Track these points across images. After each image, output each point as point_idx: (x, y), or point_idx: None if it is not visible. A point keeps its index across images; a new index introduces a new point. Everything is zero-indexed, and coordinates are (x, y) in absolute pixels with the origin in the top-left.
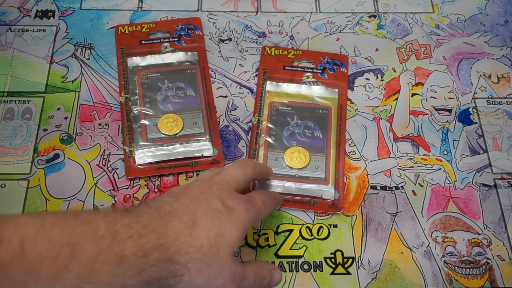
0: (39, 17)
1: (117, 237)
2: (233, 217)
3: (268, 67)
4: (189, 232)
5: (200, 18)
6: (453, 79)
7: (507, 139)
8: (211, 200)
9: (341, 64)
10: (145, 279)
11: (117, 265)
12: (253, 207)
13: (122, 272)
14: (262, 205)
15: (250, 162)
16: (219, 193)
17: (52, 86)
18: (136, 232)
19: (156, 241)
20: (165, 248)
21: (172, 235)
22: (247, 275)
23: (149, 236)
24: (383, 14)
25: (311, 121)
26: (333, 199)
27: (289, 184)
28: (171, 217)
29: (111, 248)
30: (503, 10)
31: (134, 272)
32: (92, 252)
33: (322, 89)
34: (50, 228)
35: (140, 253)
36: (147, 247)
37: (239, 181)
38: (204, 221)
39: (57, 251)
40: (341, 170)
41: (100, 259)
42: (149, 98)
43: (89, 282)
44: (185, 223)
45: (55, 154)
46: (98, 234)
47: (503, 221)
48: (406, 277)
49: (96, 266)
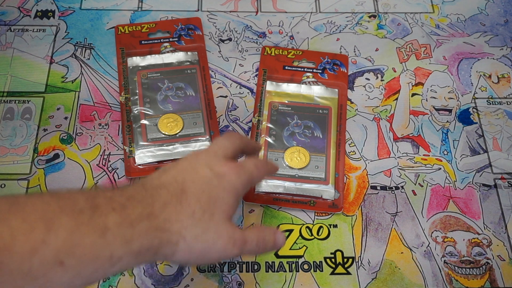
0: (39, 17)
1: (98, 210)
2: (224, 182)
3: (268, 67)
4: (178, 200)
5: (200, 18)
6: (453, 79)
7: (507, 139)
8: (200, 168)
9: (341, 64)
10: (135, 249)
11: (100, 237)
12: (244, 170)
13: (107, 243)
14: (253, 168)
15: (237, 134)
16: (207, 161)
17: (52, 86)
18: (119, 204)
19: (142, 210)
20: (153, 217)
21: (160, 205)
22: (248, 239)
23: (134, 206)
24: (383, 14)
25: (311, 121)
26: (333, 199)
27: (289, 184)
28: (157, 189)
29: (92, 220)
30: (503, 10)
31: (120, 243)
32: (70, 225)
33: (322, 89)
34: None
35: (125, 223)
36: (132, 217)
37: (227, 150)
38: (193, 188)
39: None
40: (341, 170)
41: (80, 231)
42: (149, 98)
43: (71, 255)
44: (172, 192)
45: (55, 154)
46: (77, 208)
47: (503, 221)
48: (406, 277)
49: (76, 239)
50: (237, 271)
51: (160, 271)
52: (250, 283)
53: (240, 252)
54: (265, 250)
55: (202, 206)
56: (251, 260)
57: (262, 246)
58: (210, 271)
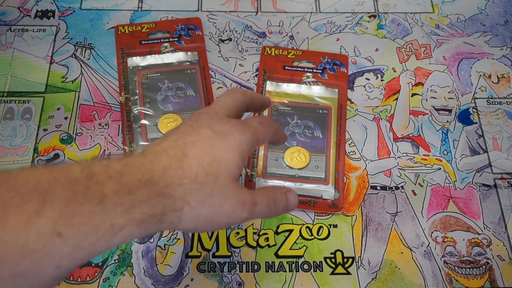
0: (39, 17)
1: (93, 178)
2: (226, 141)
3: (268, 67)
4: (179, 164)
5: (200, 18)
6: (453, 79)
7: (507, 139)
8: (200, 130)
9: (341, 64)
10: (137, 217)
11: (97, 205)
12: (248, 127)
13: (106, 211)
14: (258, 125)
15: (239, 89)
16: (208, 122)
17: (52, 86)
18: (116, 171)
19: (141, 177)
20: (153, 183)
21: (160, 170)
22: (257, 200)
23: (131, 173)
24: (383, 14)
25: (311, 121)
26: (333, 199)
27: (289, 184)
28: (157, 155)
29: (88, 189)
30: (503, 10)
31: (120, 210)
32: (66, 195)
33: (322, 89)
34: (16, 178)
35: (124, 190)
36: (131, 184)
37: (228, 107)
38: (194, 151)
39: (25, 198)
40: (341, 170)
41: (77, 201)
42: (149, 98)
43: (69, 225)
44: (173, 156)
45: (55, 154)
46: (72, 177)
47: (503, 221)
48: (406, 277)
49: (72, 208)
50: (237, 271)
51: (160, 271)
52: (250, 283)
53: (250, 215)
54: (276, 212)
55: (204, 168)
56: (251, 260)
57: (273, 207)
58: (210, 271)
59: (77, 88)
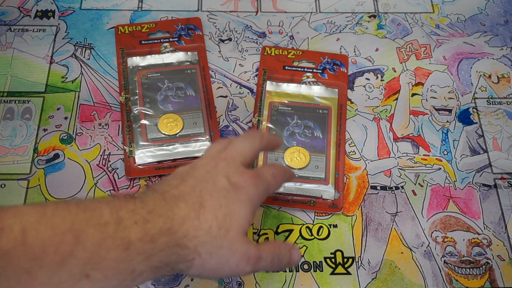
0: (39, 17)
1: (121, 223)
2: (241, 195)
3: (268, 67)
4: (196, 215)
5: (200, 18)
6: (453, 79)
7: (507, 139)
8: (217, 179)
9: (341, 64)
10: (154, 264)
11: (123, 251)
12: (262, 181)
13: (130, 257)
14: (271, 178)
15: (257, 133)
16: (225, 171)
17: (52, 86)
18: (142, 218)
19: (163, 225)
20: (172, 233)
21: (179, 219)
22: (263, 256)
23: (154, 221)
24: (383, 14)
25: (311, 121)
26: (333, 199)
27: (289, 184)
28: (177, 201)
29: (117, 234)
30: (503, 10)
31: (142, 258)
32: (97, 238)
33: (322, 89)
34: (52, 216)
35: (146, 238)
36: (153, 232)
37: (246, 154)
38: (211, 202)
39: (60, 238)
40: (341, 170)
41: (106, 245)
42: (149, 98)
43: (97, 268)
44: (191, 205)
45: (55, 154)
46: (102, 220)
47: (503, 221)
48: (406, 277)
49: (102, 252)
50: None
51: None
52: (250, 283)
53: (253, 270)
54: (279, 267)
55: (218, 222)
56: None
57: (276, 263)
58: None
59: (77, 88)
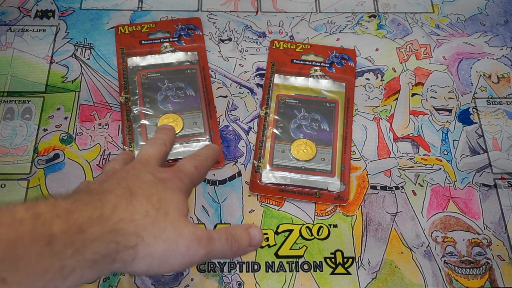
0: (39, 17)
1: (40, 217)
2: (168, 185)
3: (276, 61)
4: (128, 201)
5: (200, 18)
6: (453, 79)
7: (507, 139)
8: (141, 175)
9: (349, 58)
10: (89, 257)
11: (45, 246)
12: (185, 174)
13: (55, 252)
14: (194, 170)
15: (158, 139)
16: (146, 169)
17: (52, 86)
18: (64, 210)
19: (92, 213)
20: (104, 219)
21: (110, 207)
22: (213, 235)
23: (80, 210)
24: (383, 14)
25: (318, 114)
26: (338, 191)
27: (295, 175)
28: (104, 193)
29: (35, 230)
30: (503, 10)
31: (71, 251)
32: (10, 237)
33: (330, 83)
34: None
35: (73, 229)
36: (80, 221)
37: (157, 158)
38: (141, 191)
39: None
40: (347, 163)
41: (23, 243)
42: (149, 98)
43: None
44: (121, 195)
45: (55, 154)
46: (16, 218)
47: (503, 221)
48: (406, 277)
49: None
50: (237, 271)
51: None
52: (250, 283)
53: (207, 252)
54: (239, 247)
55: (154, 205)
56: (251, 260)
57: (234, 244)
58: (210, 271)
59: (77, 88)
